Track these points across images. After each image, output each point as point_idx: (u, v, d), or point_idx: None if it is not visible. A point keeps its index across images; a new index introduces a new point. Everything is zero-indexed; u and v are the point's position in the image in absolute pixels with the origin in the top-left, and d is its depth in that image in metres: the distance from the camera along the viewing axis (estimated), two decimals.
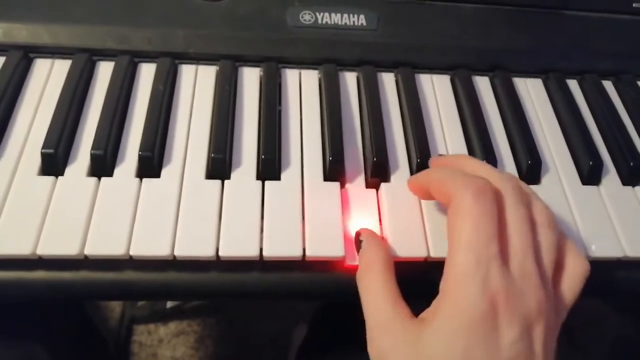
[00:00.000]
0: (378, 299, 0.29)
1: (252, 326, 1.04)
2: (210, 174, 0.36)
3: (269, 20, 0.44)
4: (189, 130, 0.39)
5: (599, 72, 0.47)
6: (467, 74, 0.44)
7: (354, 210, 0.36)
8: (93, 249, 0.32)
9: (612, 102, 0.45)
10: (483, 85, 0.45)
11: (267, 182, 0.36)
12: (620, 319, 1.10)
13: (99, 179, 0.35)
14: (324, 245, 0.34)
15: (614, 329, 1.08)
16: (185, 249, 0.33)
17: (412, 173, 0.39)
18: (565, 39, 0.47)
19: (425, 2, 0.46)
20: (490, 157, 0.39)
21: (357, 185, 0.38)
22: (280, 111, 0.41)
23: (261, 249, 0.33)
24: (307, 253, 0.34)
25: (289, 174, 0.37)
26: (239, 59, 0.43)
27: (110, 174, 0.36)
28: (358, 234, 0.34)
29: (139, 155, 0.36)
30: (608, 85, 0.47)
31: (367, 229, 0.34)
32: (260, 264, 0.34)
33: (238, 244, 0.33)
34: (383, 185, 0.37)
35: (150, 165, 0.36)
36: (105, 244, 0.32)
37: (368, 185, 0.38)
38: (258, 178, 0.37)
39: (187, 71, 0.43)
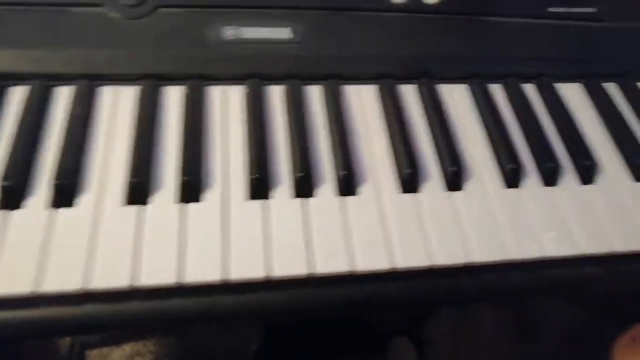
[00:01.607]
0: None
1: (208, 343, 1.02)
2: (130, 200, 0.35)
3: (191, 37, 0.43)
4: (107, 155, 0.38)
5: (521, 76, 0.48)
6: (392, 83, 0.45)
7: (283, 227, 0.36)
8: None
9: (533, 105, 0.46)
10: (409, 93, 0.46)
11: (190, 204, 0.36)
12: (570, 310, 1.14)
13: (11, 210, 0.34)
14: (249, 265, 0.33)
15: (565, 319, 1.12)
16: (103, 280, 0.32)
17: (338, 187, 0.39)
18: (488, 45, 0.48)
19: (350, 13, 0.46)
20: (412, 166, 0.39)
21: (283, 202, 0.37)
22: (201, 130, 0.40)
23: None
24: (232, 276, 0.33)
25: (212, 195, 0.37)
26: (161, 78, 0.42)
27: (18, 206, 0.34)
28: None
29: (55, 185, 0.35)
30: (530, 88, 0.48)
31: None
32: (182, 290, 0.33)
33: (160, 271, 0.32)
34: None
35: (66, 194, 0.35)
36: (12, 281, 0.31)
37: None
38: (181, 200, 0.36)
39: (107, 93, 0.42)
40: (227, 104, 0.42)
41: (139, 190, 0.35)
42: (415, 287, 0.36)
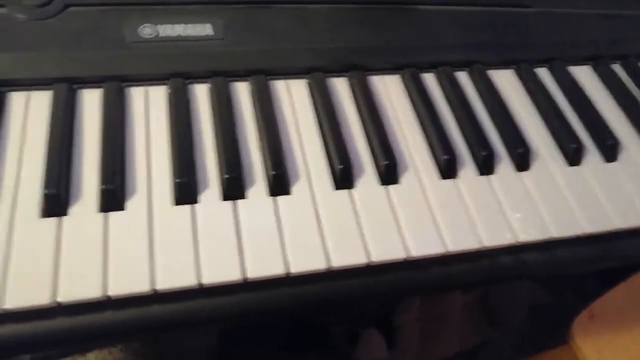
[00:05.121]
0: None
1: (178, 344, 0.99)
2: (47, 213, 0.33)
3: (105, 37, 0.41)
4: (20, 166, 0.36)
5: (452, 63, 0.47)
6: (322, 76, 0.43)
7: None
8: None
9: (466, 92, 0.46)
10: (341, 86, 0.45)
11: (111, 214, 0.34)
12: (532, 287, 1.16)
13: None
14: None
15: (527, 298, 1.14)
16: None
17: (269, 186, 0.37)
18: (418, 34, 0.47)
19: (272, 6, 0.45)
20: (345, 163, 0.38)
21: (210, 204, 0.36)
22: (122, 133, 0.38)
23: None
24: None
25: (135, 202, 0.35)
26: (76, 81, 0.40)
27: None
28: None
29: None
30: (463, 76, 0.48)
31: None
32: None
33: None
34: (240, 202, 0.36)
35: None
36: None
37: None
38: (101, 210, 0.34)
39: (17, 99, 0.39)
40: (150, 104, 0.40)
41: (55, 202, 0.33)
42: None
